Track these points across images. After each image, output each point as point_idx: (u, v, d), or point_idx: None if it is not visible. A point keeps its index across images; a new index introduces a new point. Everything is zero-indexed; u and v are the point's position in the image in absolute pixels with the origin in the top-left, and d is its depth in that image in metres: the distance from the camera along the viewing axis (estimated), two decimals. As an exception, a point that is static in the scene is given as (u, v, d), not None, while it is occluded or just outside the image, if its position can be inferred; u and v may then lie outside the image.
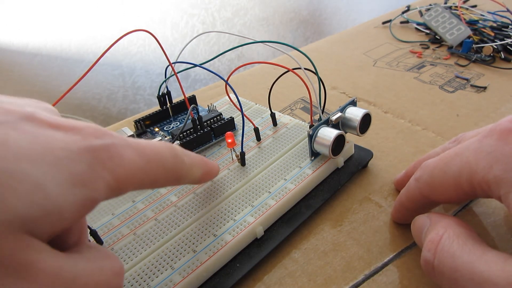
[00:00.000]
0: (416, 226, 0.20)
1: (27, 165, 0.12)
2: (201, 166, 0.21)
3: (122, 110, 0.88)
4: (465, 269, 0.16)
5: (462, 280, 0.15)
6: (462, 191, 0.18)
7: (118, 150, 0.15)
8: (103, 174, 0.14)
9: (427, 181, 0.20)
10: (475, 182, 0.17)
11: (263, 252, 0.22)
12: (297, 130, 0.29)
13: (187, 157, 0.19)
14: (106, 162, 0.14)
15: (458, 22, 0.45)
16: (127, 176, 0.15)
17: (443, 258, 0.16)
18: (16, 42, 0.71)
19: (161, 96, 0.32)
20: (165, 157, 0.17)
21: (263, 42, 0.27)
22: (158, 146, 0.17)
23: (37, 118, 0.14)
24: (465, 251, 0.16)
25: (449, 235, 0.17)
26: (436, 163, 0.19)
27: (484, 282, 0.15)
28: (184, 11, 0.89)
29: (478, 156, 0.17)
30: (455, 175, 0.18)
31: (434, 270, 0.17)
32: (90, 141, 0.14)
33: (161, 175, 0.17)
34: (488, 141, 0.17)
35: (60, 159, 0.13)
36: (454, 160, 0.18)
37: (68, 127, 0.14)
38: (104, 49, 0.24)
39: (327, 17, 1.16)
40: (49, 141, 0.13)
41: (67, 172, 0.13)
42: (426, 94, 0.37)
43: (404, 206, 0.22)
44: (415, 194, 0.21)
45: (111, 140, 0.15)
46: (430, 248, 0.17)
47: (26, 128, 0.13)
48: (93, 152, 0.14)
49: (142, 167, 0.16)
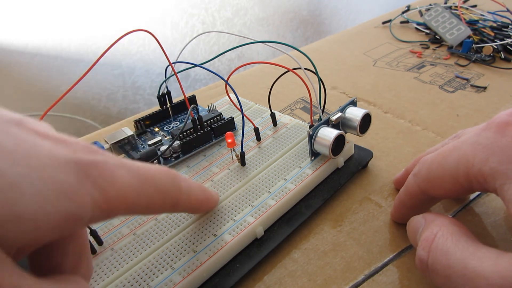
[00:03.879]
0: (411, 227, 0.20)
1: (5, 163, 0.11)
2: (200, 193, 0.19)
3: (122, 110, 0.88)
4: (458, 265, 0.16)
5: (455, 276, 0.16)
6: (459, 184, 0.18)
7: (110, 168, 0.14)
8: (91, 191, 0.13)
9: (425, 176, 0.20)
10: (472, 175, 0.17)
11: (263, 252, 0.22)
12: (297, 130, 0.29)
13: (185, 183, 0.18)
14: (96, 178, 0.13)
15: (458, 22, 0.45)
16: (118, 197, 0.14)
17: (437, 255, 0.17)
18: (16, 42, 0.71)
19: (161, 96, 0.32)
20: (160, 179, 0.16)
21: (263, 42, 0.27)
22: (153, 168, 0.16)
23: (26, 125, 0.13)
24: (458, 248, 0.16)
25: (443, 233, 0.17)
26: (434, 157, 0.19)
27: (476, 278, 0.15)
28: (184, 11, 0.89)
29: (475, 149, 0.17)
30: (453, 169, 0.18)
31: (428, 268, 0.17)
32: (80, 155, 0.13)
33: (156, 199, 0.16)
34: (485, 134, 0.17)
35: (44, 165, 0.12)
36: (452, 154, 0.18)
37: (58, 138, 0.13)
38: (104, 49, 0.24)
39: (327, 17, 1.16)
40: (35, 148, 0.12)
41: (50, 180, 0.12)
42: (426, 94, 0.37)
43: (403, 203, 0.22)
44: (414, 190, 0.21)
45: (102, 157, 0.14)
46: (424, 247, 0.17)
47: (13, 131, 0.12)
48: (82, 166, 0.13)
49: (135, 189, 0.15)
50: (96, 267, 0.21)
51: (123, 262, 0.21)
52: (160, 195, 0.16)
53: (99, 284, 0.20)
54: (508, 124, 0.16)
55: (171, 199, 0.17)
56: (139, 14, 0.83)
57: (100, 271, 0.21)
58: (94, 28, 0.78)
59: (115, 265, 0.21)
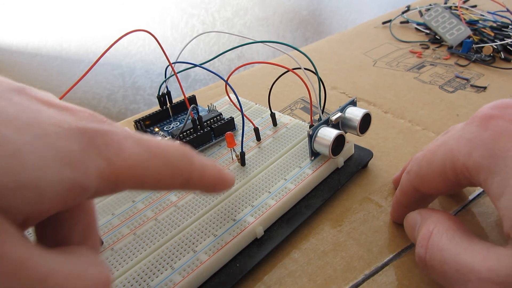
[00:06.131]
0: (409, 223, 0.20)
1: (9, 130, 0.11)
2: (214, 172, 0.18)
3: (122, 110, 0.88)
4: (452, 261, 0.16)
5: (450, 272, 0.16)
6: (448, 180, 0.18)
7: (117, 138, 0.13)
8: (97, 160, 0.12)
9: (416, 172, 0.20)
10: (458, 170, 0.17)
11: (263, 252, 0.22)
12: (297, 130, 0.29)
13: (198, 159, 0.17)
14: (102, 148, 0.12)
15: (458, 22, 0.45)
16: (125, 169, 0.13)
17: (433, 252, 0.17)
18: (16, 42, 0.71)
19: (161, 96, 0.32)
20: (171, 154, 0.15)
21: (263, 42, 0.27)
22: (164, 142, 0.15)
23: (28, 93, 0.12)
24: (453, 244, 0.16)
25: (438, 230, 0.17)
26: (424, 154, 0.20)
27: (468, 273, 0.15)
28: (184, 11, 0.89)
29: (459, 143, 0.17)
30: (440, 164, 0.18)
31: (426, 265, 0.17)
32: (85, 123, 0.12)
33: (166, 174, 0.15)
34: (469, 128, 0.17)
35: (47, 133, 0.11)
36: (439, 149, 0.18)
37: (63, 106, 0.13)
38: (104, 49, 0.24)
39: (327, 17, 1.16)
40: (38, 115, 0.12)
41: (53, 148, 0.11)
42: (426, 94, 0.37)
43: (400, 202, 0.22)
44: (408, 188, 0.21)
45: (109, 127, 0.13)
46: (422, 245, 0.18)
47: (16, 99, 0.12)
48: (87, 134, 0.12)
49: (144, 162, 0.14)
50: (96, 267, 0.21)
51: (123, 262, 0.21)
52: (170, 170, 0.15)
53: (99, 284, 0.20)
54: (491, 118, 0.16)
55: (183, 174, 0.16)
56: (139, 14, 0.83)
57: (100, 271, 0.21)
58: (94, 28, 0.78)
59: (115, 265, 0.21)
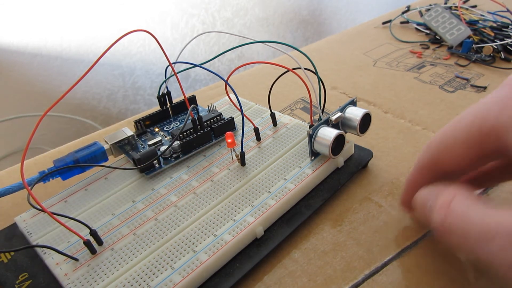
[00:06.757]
0: (421, 199, 0.19)
1: None
2: None
3: (122, 110, 0.88)
4: (477, 219, 0.15)
5: (473, 232, 0.15)
6: (471, 148, 0.18)
7: None
8: None
9: (438, 143, 0.19)
10: (484, 132, 0.17)
11: (263, 252, 0.22)
12: (297, 130, 0.29)
13: None
14: None
15: (458, 22, 0.45)
16: None
17: (456, 215, 0.16)
18: (16, 42, 0.71)
19: (161, 96, 0.32)
20: None
21: (263, 42, 0.27)
22: None
23: None
24: (477, 206, 0.16)
25: (460, 195, 0.17)
26: (447, 125, 0.19)
27: (495, 228, 0.14)
28: (184, 11, 0.89)
29: (489, 105, 0.17)
30: (466, 129, 0.18)
31: (445, 230, 0.17)
32: None
33: None
34: (500, 91, 0.17)
35: None
36: (466, 115, 0.18)
37: None
38: (104, 49, 0.24)
39: (327, 17, 1.16)
40: None
41: None
42: (426, 94, 0.37)
43: (414, 181, 0.21)
44: (426, 162, 0.20)
45: None
46: (441, 211, 0.17)
47: None
48: None
49: None
50: (96, 267, 0.21)
51: (123, 262, 0.21)
52: None
53: (99, 284, 0.20)
54: None
55: None
56: (139, 14, 0.83)
57: (100, 271, 0.21)
58: (94, 28, 0.78)
59: (115, 265, 0.21)
